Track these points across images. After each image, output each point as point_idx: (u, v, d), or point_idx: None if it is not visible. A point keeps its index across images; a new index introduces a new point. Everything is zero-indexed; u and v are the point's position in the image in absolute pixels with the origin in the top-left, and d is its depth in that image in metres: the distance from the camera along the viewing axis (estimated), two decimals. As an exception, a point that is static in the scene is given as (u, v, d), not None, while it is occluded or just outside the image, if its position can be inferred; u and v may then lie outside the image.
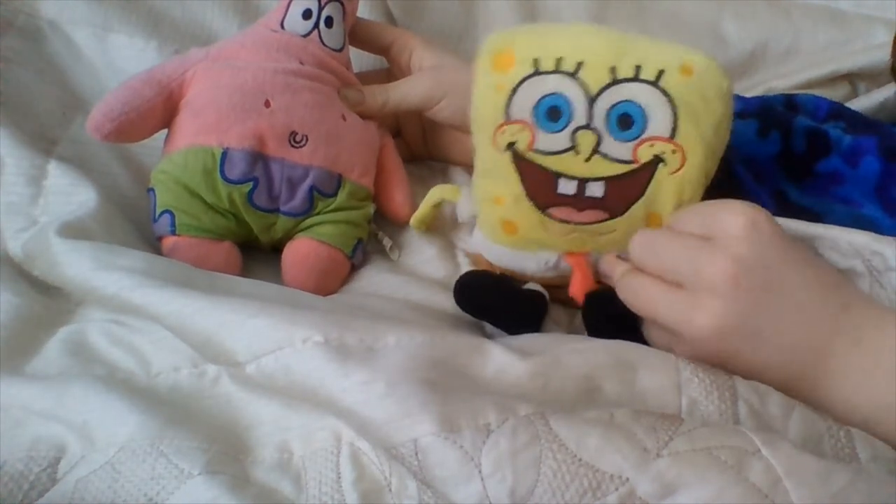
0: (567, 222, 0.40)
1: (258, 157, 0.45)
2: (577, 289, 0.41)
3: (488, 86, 0.40)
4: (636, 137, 0.38)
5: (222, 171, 0.44)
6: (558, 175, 0.39)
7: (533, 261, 0.41)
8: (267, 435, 0.34)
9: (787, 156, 0.49)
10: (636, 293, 0.38)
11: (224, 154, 0.44)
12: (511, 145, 0.40)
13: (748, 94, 0.60)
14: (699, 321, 0.35)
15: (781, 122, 0.49)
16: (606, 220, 0.40)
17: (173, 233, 0.44)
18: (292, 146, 0.45)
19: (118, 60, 0.53)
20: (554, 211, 0.40)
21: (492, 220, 0.42)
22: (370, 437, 0.32)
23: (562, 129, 0.39)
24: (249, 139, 0.44)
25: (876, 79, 0.61)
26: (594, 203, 0.39)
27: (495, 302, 0.40)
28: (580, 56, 0.38)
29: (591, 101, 0.38)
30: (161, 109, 0.45)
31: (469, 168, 0.50)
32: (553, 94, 0.39)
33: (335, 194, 0.47)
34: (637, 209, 0.40)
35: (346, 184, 0.47)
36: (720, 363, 0.36)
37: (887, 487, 0.30)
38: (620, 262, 0.40)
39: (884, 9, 0.64)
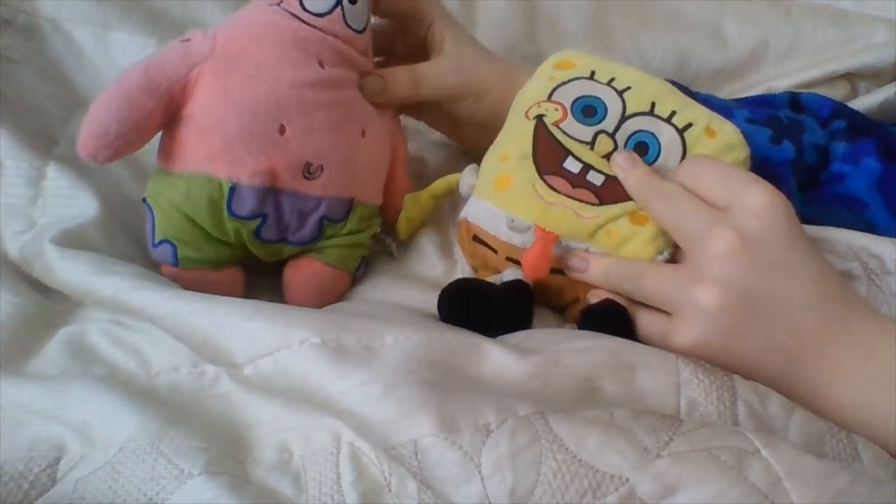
0: (558, 192, 0.41)
1: (269, 192, 0.41)
2: (531, 258, 0.41)
3: (544, 77, 0.45)
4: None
5: (230, 207, 0.41)
6: (569, 153, 0.42)
7: (504, 220, 0.42)
8: (267, 435, 0.34)
9: (801, 164, 0.49)
10: (668, 195, 0.39)
11: (232, 189, 0.40)
12: (540, 117, 0.43)
13: (748, 94, 0.60)
14: (701, 299, 0.36)
15: (792, 133, 0.50)
16: (594, 204, 0.41)
17: (175, 265, 0.42)
18: (306, 178, 0.42)
19: (118, 59, 0.53)
20: (550, 178, 0.42)
21: (490, 175, 0.44)
22: (369, 437, 0.32)
23: (589, 126, 0.43)
24: (262, 175, 0.41)
25: (876, 78, 0.61)
26: (589, 186, 0.41)
27: (477, 308, 0.40)
28: (631, 83, 0.44)
29: (623, 118, 0.43)
30: (161, 116, 0.41)
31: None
32: (596, 97, 0.43)
33: (345, 219, 0.44)
34: (625, 206, 0.41)
35: (358, 207, 0.45)
36: (718, 343, 0.36)
37: (888, 489, 0.30)
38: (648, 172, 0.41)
39: (885, 8, 0.64)
